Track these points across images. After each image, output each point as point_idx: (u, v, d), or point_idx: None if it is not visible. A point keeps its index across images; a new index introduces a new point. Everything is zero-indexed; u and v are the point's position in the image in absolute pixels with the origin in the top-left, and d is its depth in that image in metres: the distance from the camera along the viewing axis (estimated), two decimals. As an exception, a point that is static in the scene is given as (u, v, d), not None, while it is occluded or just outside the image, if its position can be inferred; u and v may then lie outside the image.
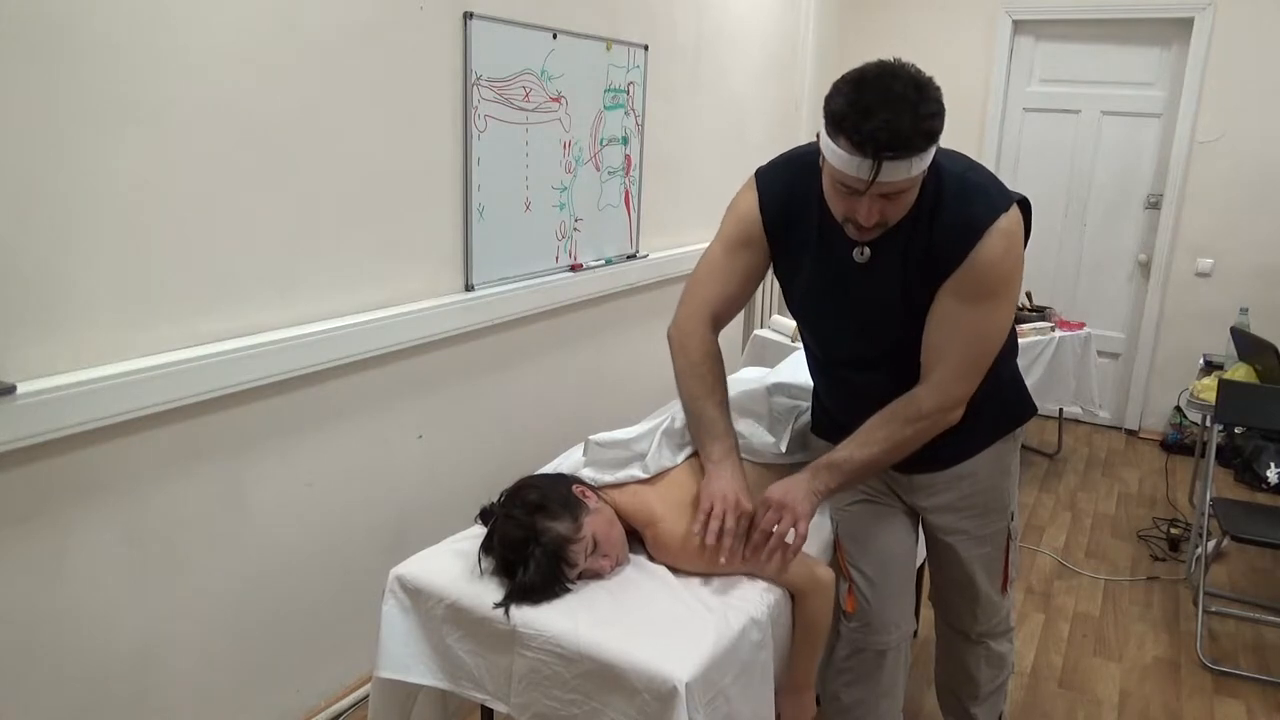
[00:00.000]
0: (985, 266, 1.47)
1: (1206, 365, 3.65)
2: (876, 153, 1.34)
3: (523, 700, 1.53)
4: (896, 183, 1.39)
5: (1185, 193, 4.38)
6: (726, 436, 1.71)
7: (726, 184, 3.96)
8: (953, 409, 1.59)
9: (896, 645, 1.78)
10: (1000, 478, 1.80)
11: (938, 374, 1.57)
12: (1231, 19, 4.16)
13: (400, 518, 2.33)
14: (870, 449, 1.61)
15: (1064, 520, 3.68)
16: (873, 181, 1.37)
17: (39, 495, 1.56)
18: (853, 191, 1.42)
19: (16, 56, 1.43)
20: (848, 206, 1.46)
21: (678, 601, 1.58)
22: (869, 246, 1.55)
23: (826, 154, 1.42)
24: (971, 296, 1.50)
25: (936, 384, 1.57)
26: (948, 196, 1.50)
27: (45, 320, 1.54)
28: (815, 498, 1.61)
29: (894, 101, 1.34)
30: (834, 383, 1.80)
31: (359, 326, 2.07)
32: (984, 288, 1.50)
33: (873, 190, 1.40)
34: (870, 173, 1.36)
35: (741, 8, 3.72)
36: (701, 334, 1.75)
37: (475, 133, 2.35)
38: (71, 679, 1.66)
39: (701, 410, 1.72)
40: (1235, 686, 2.58)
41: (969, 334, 1.54)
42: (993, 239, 1.46)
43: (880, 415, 1.61)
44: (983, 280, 1.49)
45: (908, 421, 1.59)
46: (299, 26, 1.87)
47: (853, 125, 1.35)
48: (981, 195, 1.49)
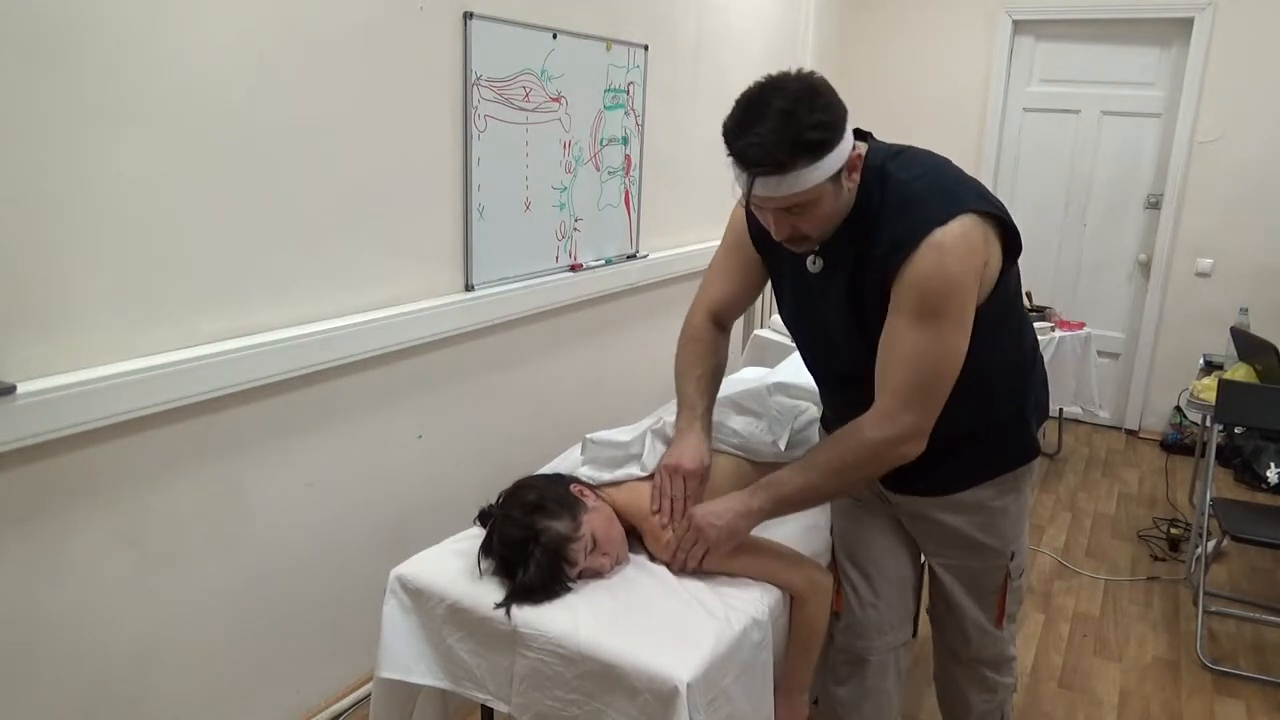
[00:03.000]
0: (919, 282, 1.39)
1: (1206, 365, 3.65)
2: (749, 169, 1.35)
3: (524, 700, 1.53)
4: (783, 198, 1.37)
5: (1185, 193, 4.38)
6: (693, 408, 1.76)
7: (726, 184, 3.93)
8: (904, 442, 1.47)
9: (882, 652, 1.76)
10: (995, 517, 1.68)
11: (882, 400, 1.48)
12: (1231, 19, 4.16)
13: (400, 518, 2.33)
14: (809, 474, 1.56)
15: (1064, 520, 3.68)
16: (749, 196, 1.39)
17: (39, 495, 1.56)
18: (758, 208, 1.44)
19: (16, 57, 1.43)
20: (761, 222, 1.48)
21: (679, 602, 1.58)
22: (820, 258, 1.54)
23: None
24: (912, 315, 1.41)
25: (881, 411, 1.48)
26: (888, 208, 1.44)
27: (45, 320, 1.54)
28: (747, 519, 1.60)
29: (770, 116, 1.32)
30: (824, 389, 1.80)
31: (359, 326, 2.07)
32: (923, 306, 1.40)
33: (765, 205, 1.41)
34: (746, 188, 1.37)
35: (741, 8, 3.72)
36: (694, 321, 1.83)
37: (475, 133, 2.35)
38: (71, 679, 1.66)
39: (678, 387, 1.81)
40: (1235, 686, 2.58)
41: (911, 356, 1.43)
42: (924, 253, 1.37)
43: (829, 440, 1.58)
44: (919, 298, 1.40)
45: (849, 449, 1.51)
46: (299, 27, 1.86)
47: (730, 143, 1.37)
48: (919, 206, 1.41)
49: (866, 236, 1.45)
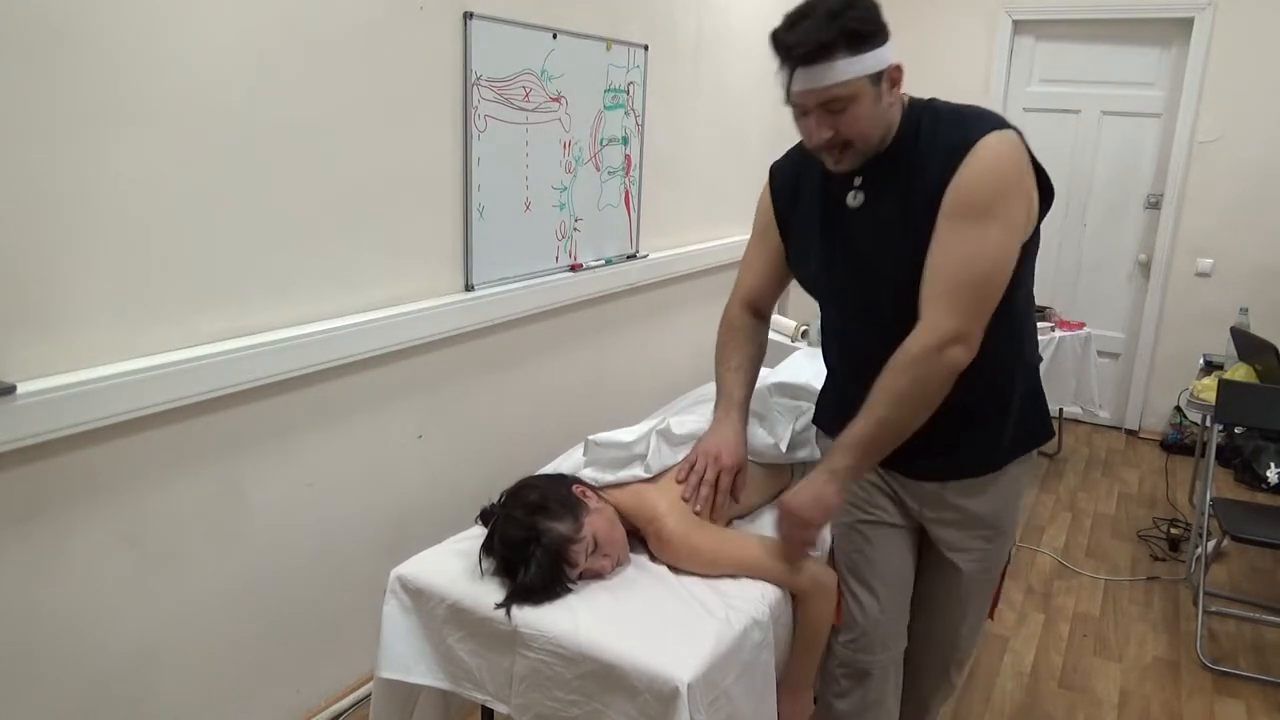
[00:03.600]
0: (972, 179, 1.41)
1: (1206, 365, 3.65)
2: (792, 59, 1.41)
3: (524, 701, 1.53)
4: (823, 89, 1.41)
5: (1185, 193, 4.39)
6: (730, 396, 1.79)
7: (726, 184, 3.98)
8: (947, 345, 1.44)
9: (884, 666, 1.76)
10: (1013, 500, 1.73)
11: (928, 306, 1.46)
12: (1231, 19, 4.16)
13: (400, 518, 2.33)
14: (872, 413, 1.50)
15: (1064, 520, 3.68)
16: (791, 86, 1.44)
17: (39, 495, 1.56)
18: (802, 113, 1.47)
19: (16, 57, 1.43)
20: (803, 132, 1.50)
21: (679, 602, 1.58)
22: (861, 192, 1.56)
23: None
24: (961, 214, 1.42)
25: (926, 318, 1.46)
26: (941, 124, 1.49)
27: (45, 320, 1.54)
28: (833, 483, 1.53)
29: (816, 15, 1.40)
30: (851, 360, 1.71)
31: (359, 326, 2.07)
32: (973, 204, 1.41)
33: (812, 100, 1.43)
34: (787, 81, 1.44)
35: (741, 8, 3.72)
36: (730, 312, 1.87)
37: (475, 133, 2.35)
38: (71, 679, 1.66)
39: (717, 376, 1.85)
40: (1235, 686, 2.58)
41: (956, 256, 1.43)
42: (980, 152, 1.42)
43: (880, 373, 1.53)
44: (970, 195, 1.41)
45: (901, 370, 1.47)
46: (299, 26, 1.86)
47: (778, 39, 1.43)
48: (973, 120, 1.47)
49: (916, 161, 1.48)
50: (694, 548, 1.66)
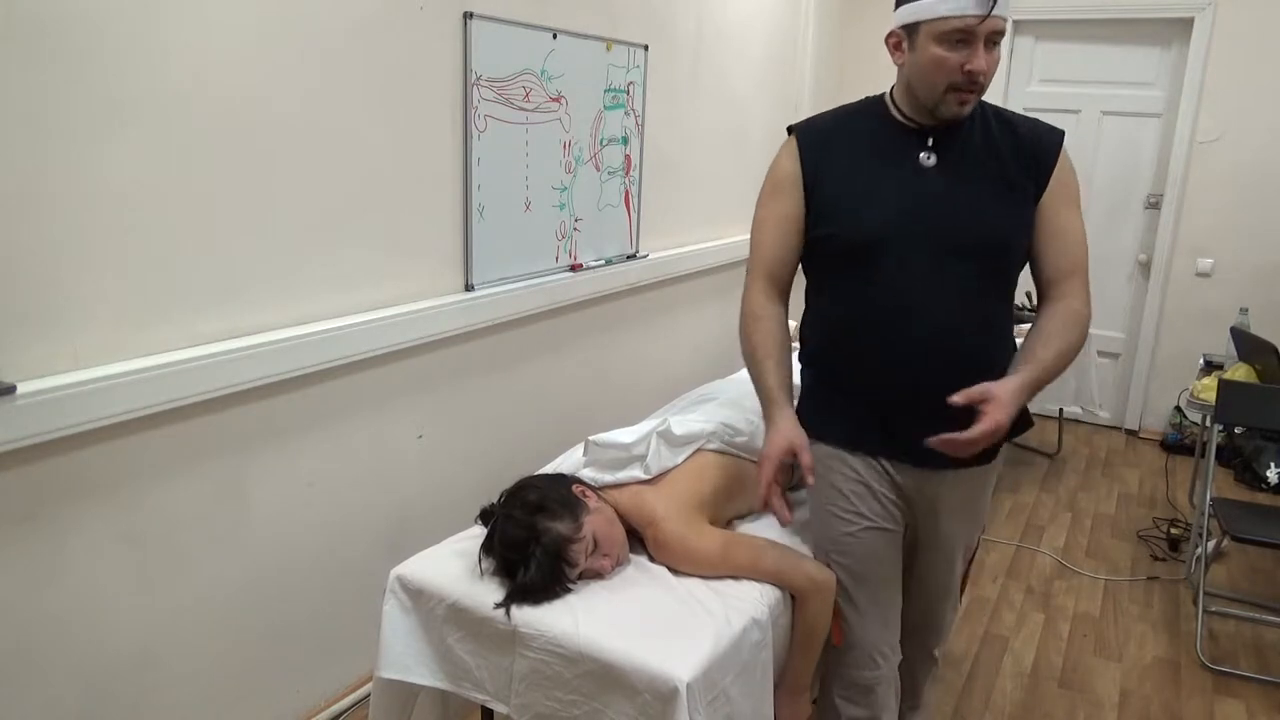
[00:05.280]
0: (1071, 173, 1.67)
1: (1206, 365, 3.65)
2: None
3: (523, 700, 1.53)
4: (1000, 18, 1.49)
5: (1185, 193, 4.38)
6: (771, 392, 1.69)
7: (726, 184, 3.98)
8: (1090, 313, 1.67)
9: (886, 676, 1.76)
10: (992, 481, 1.84)
11: (1074, 282, 1.65)
12: (1231, 19, 4.16)
13: (400, 518, 2.33)
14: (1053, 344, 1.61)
15: (1064, 520, 3.67)
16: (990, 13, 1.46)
17: (38, 495, 1.56)
18: (961, 40, 1.49)
19: (14, 56, 1.43)
20: (956, 64, 1.51)
21: (678, 602, 1.58)
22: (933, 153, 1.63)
23: (926, 13, 1.51)
24: (1074, 202, 1.66)
25: (1079, 291, 1.65)
26: (1010, 114, 1.69)
27: (45, 320, 1.54)
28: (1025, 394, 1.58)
29: None
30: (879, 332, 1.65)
31: (359, 326, 2.07)
32: (1075, 194, 1.67)
33: (987, 27, 1.48)
34: (988, 3, 1.45)
35: (741, 8, 3.72)
36: (752, 298, 1.77)
37: (475, 133, 2.35)
38: (71, 679, 1.66)
39: (754, 374, 1.76)
40: (1235, 686, 2.58)
41: (1081, 239, 1.66)
42: (1066, 153, 1.69)
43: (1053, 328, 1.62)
44: (1074, 186, 1.67)
45: (1079, 329, 1.63)
46: (298, 26, 1.86)
47: None
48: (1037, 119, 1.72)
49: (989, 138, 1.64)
50: (692, 550, 1.66)
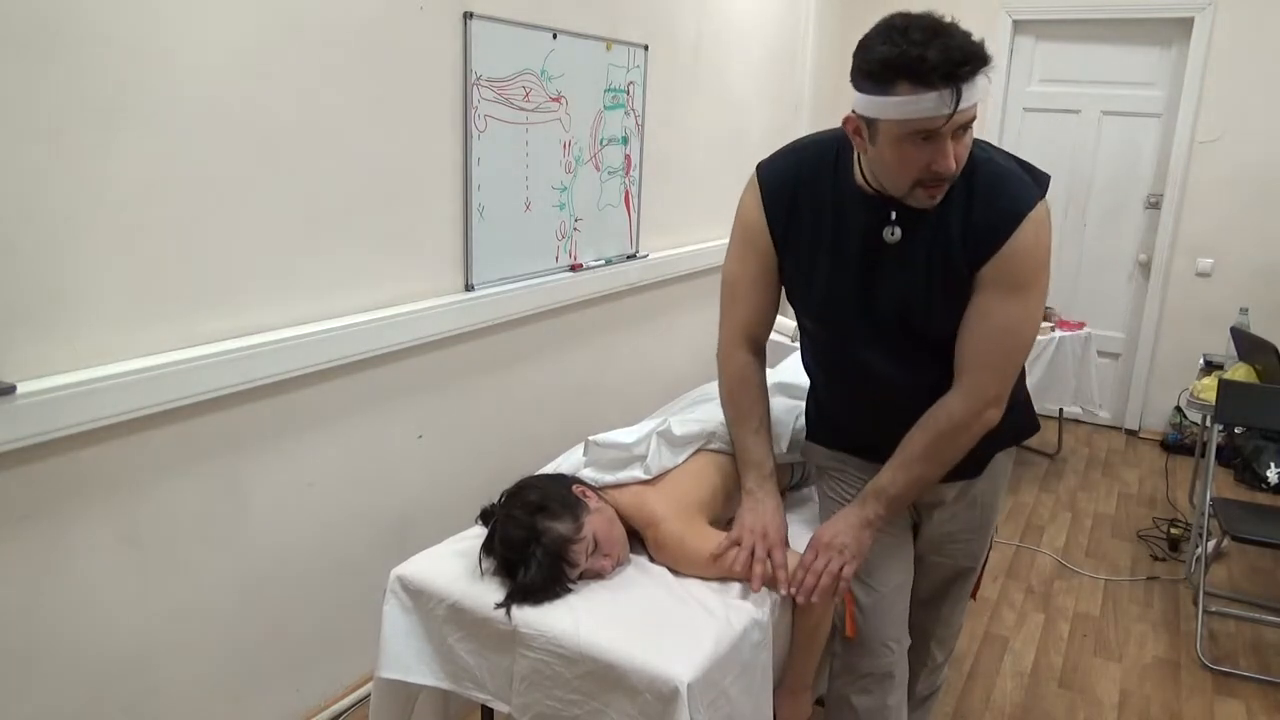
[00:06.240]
0: (1021, 254, 1.44)
1: (1206, 365, 3.65)
2: (952, 77, 1.27)
3: (524, 700, 1.53)
4: (972, 108, 1.32)
5: (1185, 193, 4.39)
6: (761, 464, 1.71)
7: (726, 184, 3.97)
8: (986, 409, 1.53)
9: (898, 663, 1.77)
10: (1000, 490, 1.81)
11: (970, 375, 1.51)
12: (1231, 19, 4.16)
13: (400, 518, 2.33)
14: (912, 468, 1.56)
15: (1064, 520, 3.68)
16: (955, 110, 1.29)
17: (38, 495, 1.56)
18: (928, 138, 1.33)
19: (13, 55, 1.43)
20: (922, 163, 1.36)
21: (679, 602, 1.58)
22: (898, 226, 1.49)
23: (883, 114, 1.33)
24: (1008, 287, 1.46)
25: (967, 385, 1.51)
26: (980, 179, 1.46)
27: (45, 320, 1.54)
28: (868, 529, 1.59)
29: (939, 28, 1.30)
30: (847, 384, 1.70)
31: (359, 326, 2.07)
32: (1019, 278, 1.46)
33: (953, 125, 1.31)
34: (952, 101, 1.28)
35: (741, 8, 3.72)
36: (736, 358, 1.73)
37: (475, 133, 2.35)
38: (71, 679, 1.66)
39: (736, 437, 1.75)
40: (1235, 686, 2.58)
41: (1003, 328, 1.49)
42: (1027, 227, 1.43)
43: (916, 430, 1.56)
44: (1018, 269, 1.45)
45: (943, 433, 1.54)
46: (299, 26, 1.86)
47: (916, 60, 1.27)
48: (1016, 181, 1.47)
49: (962, 203, 1.46)
50: (691, 551, 1.66)
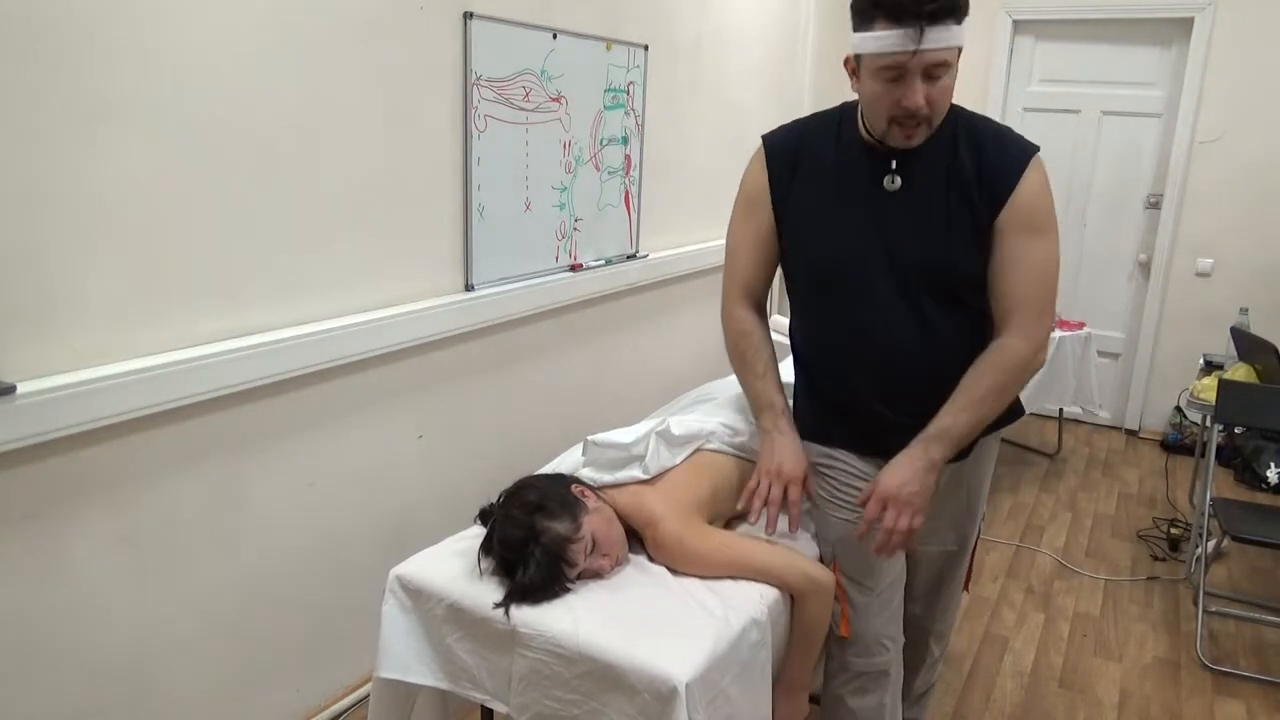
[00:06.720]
0: (1032, 200, 1.54)
1: (1206, 365, 3.65)
2: (918, 15, 1.37)
3: (523, 700, 1.53)
4: (941, 52, 1.41)
5: (1185, 193, 4.39)
6: (773, 404, 1.73)
7: (726, 184, 3.95)
8: (1040, 350, 1.59)
9: (893, 661, 1.78)
10: (985, 477, 1.84)
11: (1019, 315, 1.57)
12: (1231, 19, 4.16)
13: (400, 518, 2.33)
14: (974, 410, 1.58)
15: (1064, 520, 3.68)
16: (919, 48, 1.39)
17: (38, 495, 1.56)
18: (897, 76, 1.44)
19: (14, 55, 1.43)
20: (893, 98, 1.46)
21: (678, 602, 1.58)
22: (898, 175, 1.57)
23: (864, 48, 1.46)
24: (1029, 230, 1.54)
25: (1021, 326, 1.57)
26: (983, 132, 1.58)
27: (45, 320, 1.54)
28: (932, 473, 1.58)
29: None
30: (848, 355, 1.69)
31: (359, 326, 2.07)
32: (1036, 220, 1.55)
33: (920, 62, 1.41)
34: (917, 37, 1.38)
35: (741, 8, 3.72)
36: (736, 314, 1.79)
37: (475, 133, 2.35)
38: (70, 679, 1.66)
39: (745, 385, 1.80)
40: (1235, 686, 2.58)
41: (1038, 269, 1.57)
42: (1033, 173, 1.55)
43: (977, 373, 1.58)
44: (1034, 212, 1.54)
45: (1008, 370, 1.57)
46: (298, 26, 1.86)
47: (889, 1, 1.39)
48: (1011, 138, 1.60)
49: (956, 161, 1.56)
50: (690, 551, 1.66)
